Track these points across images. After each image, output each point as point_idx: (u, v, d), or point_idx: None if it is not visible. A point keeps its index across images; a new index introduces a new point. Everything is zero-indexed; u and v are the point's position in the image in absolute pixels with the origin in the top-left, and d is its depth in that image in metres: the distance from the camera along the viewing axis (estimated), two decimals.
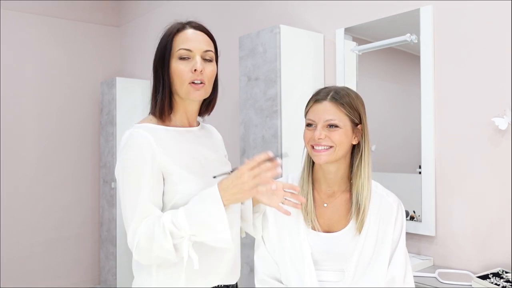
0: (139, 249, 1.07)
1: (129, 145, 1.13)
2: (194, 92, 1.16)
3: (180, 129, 1.22)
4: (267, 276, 1.31)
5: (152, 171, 1.11)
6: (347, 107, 1.21)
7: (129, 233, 1.09)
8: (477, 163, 1.92)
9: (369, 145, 1.26)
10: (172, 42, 1.18)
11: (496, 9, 1.85)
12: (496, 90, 1.86)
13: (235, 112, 2.88)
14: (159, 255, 1.06)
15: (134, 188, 1.10)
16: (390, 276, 1.21)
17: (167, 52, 1.18)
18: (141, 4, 4.24)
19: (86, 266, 4.26)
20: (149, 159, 1.11)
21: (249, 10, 3.02)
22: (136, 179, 1.10)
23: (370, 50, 2.31)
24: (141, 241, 1.06)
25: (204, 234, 1.04)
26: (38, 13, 4.04)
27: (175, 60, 1.17)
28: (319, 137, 1.19)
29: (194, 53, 1.17)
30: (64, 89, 4.17)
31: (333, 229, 1.26)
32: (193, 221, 1.03)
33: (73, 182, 4.20)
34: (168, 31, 1.21)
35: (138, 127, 1.16)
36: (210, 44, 1.21)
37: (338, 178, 1.28)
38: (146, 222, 1.08)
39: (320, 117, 1.21)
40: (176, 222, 1.03)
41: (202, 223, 1.03)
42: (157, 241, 1.04)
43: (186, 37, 1.18)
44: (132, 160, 1.11)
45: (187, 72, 1.15)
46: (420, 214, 2.08)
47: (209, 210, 1.02)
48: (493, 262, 1.86)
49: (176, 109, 1.22)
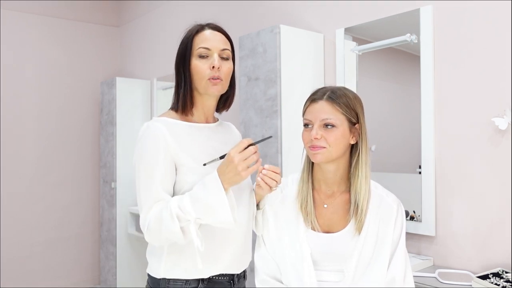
0: (150, 230, 1.17)
1: (146, 136, 1.23)
2: (212, 87, 1.25)
3: (197, 124, 1.31)
4: (267, 276, 1.31)
5: (165, 161, 1.20)
6: (344, 107, 1.21)
7: (141, 215, 1.20)
8: (477, 163, 1.92)
9: (367, 145, 1.26)
10: (192, 41, 1.27)
11: (496, 9, 1.85)
12: (496, 90, 1.86)
13: (235, 112, 2.88)
14: (167, 237, 1.16)
15: (148, 175, 1.20)
16: (390, 276, 1.21)
17: (187, 51, 1.27)
18: (141, 4, 4.24)
19: (86, 266, 4.26)
20: (162, 150, 1.20)
21: (249, 10, 3.02)
22: (150, 167, 1.20)
23: (370, 50, 2.31)
24: (151, 223, 1.16)
25: (207, 217, 1.13)
26: (38, 13, 4.04)
27: (195, 58, 1.26)
28: (315, 136, 1.20)
29: (212, 51, 1.26)
30: (64, 89, 4.17)
31: (333, 230, 1.26)
32: (197, 205, 1.12)
33: (73, 182, 4.21)
34: (188, 32, 1.30)
35: (155, 120, 1.26)
36: (227, 43, 1.30)
37: (337, 178, 1.28)
38: (156, 207, 1.17)
39: (317, 117, 1.22)
40: (182, 206, 1.13)
41: (205, 207, 1.12)
42: (165, 224, 1.13)
43: (205, 37, 1.27)
44: (147, 150, 1.21)
45: (206, 69, 1.24)
46: (420, 214, 2.08)
47: (211, 194, 1.11)
48: (493, 262, 1.86)
49: (195, 105, 1.31)
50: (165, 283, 1.23)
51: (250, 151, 1.12)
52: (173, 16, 3.80)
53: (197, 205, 1.12)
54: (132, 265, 3.93)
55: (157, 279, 1.25)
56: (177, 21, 3.72)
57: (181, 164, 1.22)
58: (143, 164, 1.21)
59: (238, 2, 3.12)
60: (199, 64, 1.25)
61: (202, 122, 1.33)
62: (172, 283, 1.23)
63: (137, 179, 1.22)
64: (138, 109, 4.00)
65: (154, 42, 4.03)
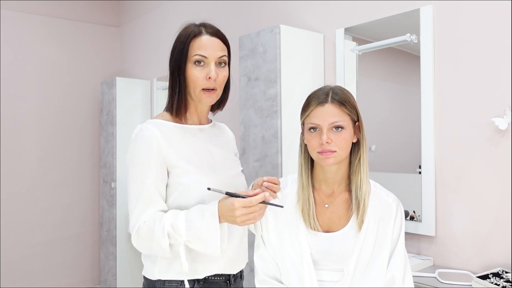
0: (139, 237, 1.18)
1: (138, 138, 1.23)
2: (206, 98, 1.25)
3: (191, 127, 1.30)
4: (267, 276, 1.31)
5: (157, 163, 1.20)
6: (348, 107, 1.21)
7: (131, 218, 1.19)
8: (477, 163, 1.92)
9: (366, 142, 1.26)
10: (188, 46, 1.23)
11: (496, 9, 1.85)
12: (496, 90, 1.86)
13: (235, 112, 2.88)
14: (155, 250, 1.17)
15: (139, 177, 1.20)
16: (390, 276, 1.21)
17: (183, 56, 1.23)
18: (141, 4, 4.24)
19: (86, 266, 4.26)
20: (154, 153, 1.20)
21: (249, 10, 3.02)
22: (142, 169, 1.20)
23: (370, 50, 2.31)
24: (142, 232, 1.17)
25: (197, 244, 1.15)
26: (38, 13, 4.04)
27: (191, 64, 1.23)
28: (326, 141, 1.17)
29: (209, 60, 1.23)
30: (64, 89, 4.17)
31: (333, 229, 1.26)
32: (190, 231, 1.13)
33: (73, 182, 4.21)
34: (184, 33, 1.25)
35: (148, 122, 1.25)
36: (224, 49, 1.28)
37: (338, 178, 1.27)
38: (150, 216, 1.17)
39: (325, 120, 1.19)
40: (175, 226, 1.13)
41: (197, 234, 1.13)
42: (156, 239, 1.14)
43: (202, 43, 1.23)
44: (139, 152, 1.21)
45: (202, 79, 1.23)
46: (420, 214, 2.08)
47: (206, 227, 1.12)
48: (493, 262, 1.86)
49: (188, 109, 1.30)
50: (160, 284, 1.24)
51: (254, 209, 1.11)
52: (173, 16, 3.80)
53: (190, 231, 1.13)
54: (132, 265, 3.93)
55: (153, 280, 1.25)
56: (177, 21, 3.71)
57: (174, 166, 1.22)
58: (135, 167, 1.21)
59: (238, 2, 3.11)
60: (195, 73, 1.22)
61: (196, 124, 1.32)
62: (168, 284, 1.23)
63: (129, 181, 1.22)
64: (138, 109, 4.00)
65: (154, 42, 4.03)
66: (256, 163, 2.41)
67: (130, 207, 1.20)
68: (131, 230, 1.19)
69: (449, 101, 2.01)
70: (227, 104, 1.40)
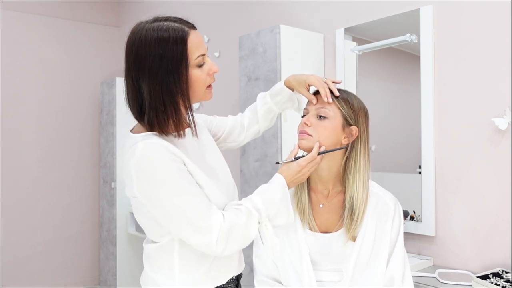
0: (232, 240, 1.06)
1: (147, 157, 1.02)
2: (210, 93, 1.17)
3: (183, 140, 1.14)
4: (266, 276, 1.31)
5: (186, 171, 1.07)
6: (341, 101, 1.21)
7: (206, 235, 1.03)
8: (477, 163, 1.92)
9: (366, 152, 1.24)
10: (187, 51, 1.08)
11: (496, 9, 1.85)
12: (496, 90, 1.86)
13: (235, 112, 2.87)
14: (247, 242, 1.10)
15: (181, 195, 1.03)
16: (389, 276, 1.21)
17: (183, 63, 1.07)
18: (141, 4, 4.24)
19: (86, 266, 4.26)
20: (177, 161, 1.05)
21: (249, 10, 3.02)
22: (177, 185, 1.03)
23: (370, 50, 2.31)
24: (234, 231, 1.06)
25: (278, 218, 1.13)
26: (38, 13, 4.04)
27: (193, 68, 1.10)
28: (305, 121, 1.21)
29: (205, 56, 1.14)
30: (64, 89, 4.17)
31: (330, 230, 1.26)
32: (269, 208, 1.11)
33: (73, 182, 4.20)
34: (172, 37, 1.07)
35: (142, 139, 1.05)
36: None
37: (332, 177, 1.27)
38: (229, 214, 1.07)
39: (313, 107, 1.23)
40: (258, 209, 1.10)
41: (276, 210, 1.12)
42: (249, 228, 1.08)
43: (196, 41, 1.10)
44: (162, 170, 1.02)
45: (205, 77, 1.13)
46: (420, 214, 2.08)
47: (280, 198, 1.12)
48: (493, 262, 1.86)
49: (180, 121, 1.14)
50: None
51: (317, 161, 1.18)
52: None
53: (269, 208, 1.11)
54: (132, 265, 3.92)
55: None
56: None
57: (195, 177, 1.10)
58: (166, 189, 1.02)
59: (238, 2, 3.11)
60: (200, 74, 1.11)
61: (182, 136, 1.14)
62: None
63: (166, 211, 1.04)
64: None
65: None
66: (256, 163, 2.41)
67: (192, 228, 1.03)
68: (213, 244, 1.03)
69: (449, 101, 2.01)
70: (227, 104, 1.38)
